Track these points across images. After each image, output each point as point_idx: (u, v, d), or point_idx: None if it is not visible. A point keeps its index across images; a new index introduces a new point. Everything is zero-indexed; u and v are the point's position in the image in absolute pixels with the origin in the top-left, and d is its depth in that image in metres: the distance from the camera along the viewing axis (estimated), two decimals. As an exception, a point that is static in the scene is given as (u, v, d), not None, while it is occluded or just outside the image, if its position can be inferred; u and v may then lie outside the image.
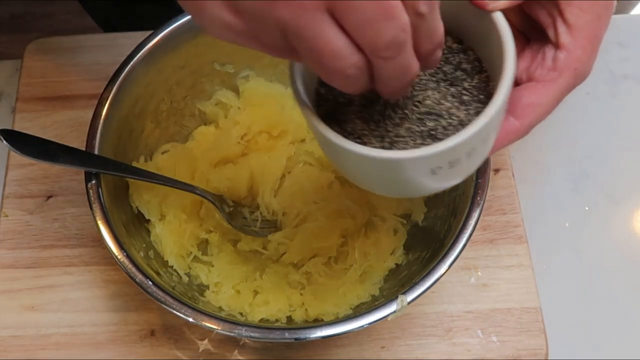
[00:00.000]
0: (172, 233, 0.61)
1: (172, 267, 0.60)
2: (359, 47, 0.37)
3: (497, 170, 0.68)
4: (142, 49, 0.59)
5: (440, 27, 0.39)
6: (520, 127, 0.46)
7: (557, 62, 0.46)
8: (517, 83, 0.47)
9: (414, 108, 0.45)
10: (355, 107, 0.45)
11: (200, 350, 0.61)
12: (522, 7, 0.45)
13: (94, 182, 0.56)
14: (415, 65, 0.39)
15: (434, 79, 0.45)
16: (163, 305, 0.52)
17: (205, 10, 0.38)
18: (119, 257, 0.54)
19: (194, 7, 0.38)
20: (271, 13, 0.36)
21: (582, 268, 0.66)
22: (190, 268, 0.62)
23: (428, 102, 0.44)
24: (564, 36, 0.45)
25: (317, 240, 0.60)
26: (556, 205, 0.68)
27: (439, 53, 0.41)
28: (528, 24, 0.48)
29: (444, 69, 0.45)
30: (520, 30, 0.49)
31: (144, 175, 0.59)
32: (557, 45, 0.45)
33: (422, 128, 0.44)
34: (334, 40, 0.36)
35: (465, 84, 0.45)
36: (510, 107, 0.45)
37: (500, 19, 0.42)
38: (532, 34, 0.48)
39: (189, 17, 0.59)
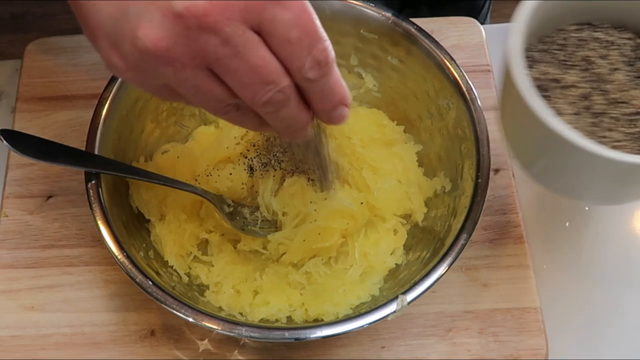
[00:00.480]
0: (172, 233, 0.61)
1: (172, 267, 0.60)
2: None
3: (497, 170, 0.68)
4: (142, 49, 0.59)
5: (339, 88, 0.43)
6: None
7: None
8: None
9: (623, 110, 0.43)
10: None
11: (200, 350, 0.61)
12: None
13: (94, 182, 0.56)
14: (304, 117, 0.42)
15: (634, 80, 0.43)
16: (163, 305, 0.52)
17: (98, 47, 0.42)
18: (119, 257, 0.54)
19: (91, 40, 0.42)
20: (154, 69, 0.39)
21: (582, 268, 0.66)
22: (190, 268, 0.62)
23: (635, 102, 0.42)
24: None
25: (317, 240, 0.60)
26: (556, 205, 0.68)
27: (343, 110, 0.44)
28: None
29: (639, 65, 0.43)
30: None
31: (144, 175, 0.59)
32: None
33: (634, 129, 0.42)
34: (214, 90, 0.40)
35: None
36: None
37: None
38: None
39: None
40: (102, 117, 0.59)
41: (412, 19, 0.64)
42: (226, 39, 0.38)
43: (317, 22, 0.40)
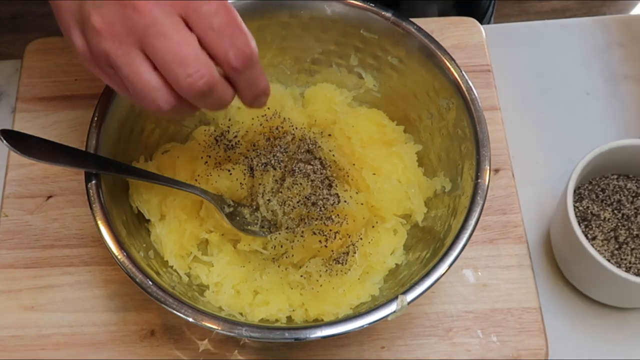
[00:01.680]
0: (172, 233, 0.61)
1: (172, 267, 0.60)
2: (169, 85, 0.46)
3: (497, 170, 0.68)
4: (142, 49, 0.59)
5: (262, 80, 0.49)
6: None
7: None
8: None
9: (638, 242, 0.61)
10: None
11: (200, 350, 0.61)
12: None
13: (94, 182, 0.56)
14: (228, 95, 0.48)
15: None
16: (163, 305, 0.52)
17: (71, 36, 0.48)
18: (119, 257, 0.54)
19: (65, 31, 0.48)
20: (99, 45, 0.45)
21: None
22: (190, 268, 0.62)
23: None
24: None
25: (317, 240, 0.60)
26: (556, 205, 0.68)
27: (264, 98, 0.50)
28: None
29: None
30: None
31: (144, 175, 0.59)
32: None
33: None
34: (145, 73, 0.46)
35: None
36: None
37: None
38: None
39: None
40: (102, 117, 0.59)
41: (412, 19, 0.64)
42: (155, 20, 0.44)
43: (238, 17, 0.46)
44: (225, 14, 0.45)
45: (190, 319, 0.52)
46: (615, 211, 0.63)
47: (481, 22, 0.77)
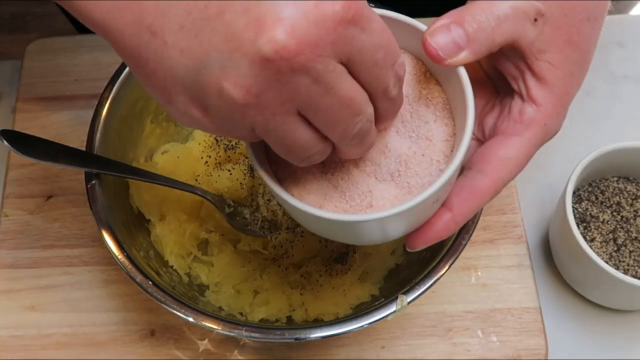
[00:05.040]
0: (172, 233, 0.61)
1: (172, 267, 0.60)
2: (325, 137, 0.38)
3: (497, 170, 0.68)
4: (142, 49, 0.59)
5: (402, 96, 0.40)
6: (490, 183, 0.43)
7: (524, 115, 0.43)
8: (484, 139, 0.46)
9: (637, 245, 0.61)
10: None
11: (200, 350, 0.61)
12: (489, 57, 0.43)
13: (94, 182, 0.56)
14: (374, 137, 0.40)
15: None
16: (163, 305, 0.52)
17: (173, 103, 0.37)
18: (119, 257, 0.54)
19: (162, 97, 0.38)
20: (242, 119, 0.36)
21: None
22: (190, 268, 0.62)
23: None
24: (535, 90, 0.43)
25: (317, 240, 0.60)
26: (555, 205, 0.68)
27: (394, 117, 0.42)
28: (496, 73, 0.46)
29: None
30: (490, 77, 0.47)
31: (144, 175, 0.59)
32: (526, 98, 0.43)
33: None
34: (303, 136, 0.37)
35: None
36: (478, 164, 0.43)
37: (463, 75, 0.41)
38: (499, 84, 0.47)
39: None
40: (102, 117, 0.59)
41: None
42: (318, 77, 0.34)
43: (392, 36, 0.37)
44: (387, 41, 0.36)
45: (190, 319, 0.52)
46: (615, 213, 0.63)
47: None
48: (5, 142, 0.53)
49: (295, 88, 0.34)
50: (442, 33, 0.41)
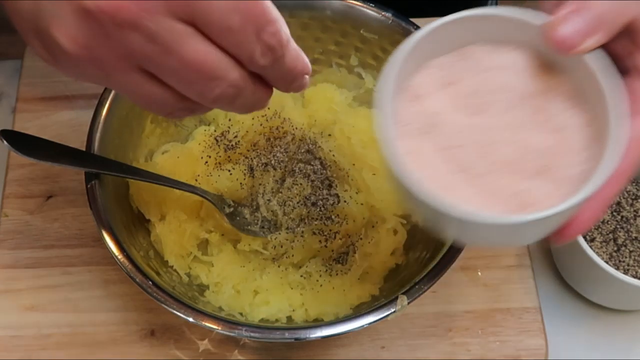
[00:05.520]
0: (172, 233, 0.61)
1: (172, 267, 0.60)
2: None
3: (497, 170, 0.68)
4: (142, 49, 0.59)
5: (298, 62, 0.39)
6: (626, 166, 0.41)
7: None
8: None
9: (636, 245, 0.60)
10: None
11: (200, 350, 0.61)
12: None
13: (94, 182, 0.56)
14: (263, 96, 0.39)
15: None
16: (163, 305, 0.52)
17: (31, 44, 0.38)
18: (119, 257, 0.54)
19: (24, 38, 0.39)
20: (83, 70, 0.37)
21: (582, 268, 0.66)
22: (190, 268, 0.62)
23: None
24: None
25: (317, 240, 0.60)
26: (556, 205, 0.68)
27: (304, 80, 0.40)
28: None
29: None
30: None
31: (144, 175, 0.59)
32: None
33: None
34: (154, 92, 0.37)
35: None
36: None
37: (589, 60, 0.41)
38: None
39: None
40: (102, 117, 0.59)
41: (412, 19, 0.64)
42: (151, 35, 0.34)
43: (264, 2, 0.35)
44: (246, 5, 0.34)
45: (190, 319, 0.52)
46: (615, 213, 0.63)
47: None
48: (5, 142, 0.53)
49: (127, 44, 0.34)
50: (567, 23, 0.40)
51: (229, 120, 0.66)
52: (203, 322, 0.52)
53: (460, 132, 0.42)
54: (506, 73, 0.44)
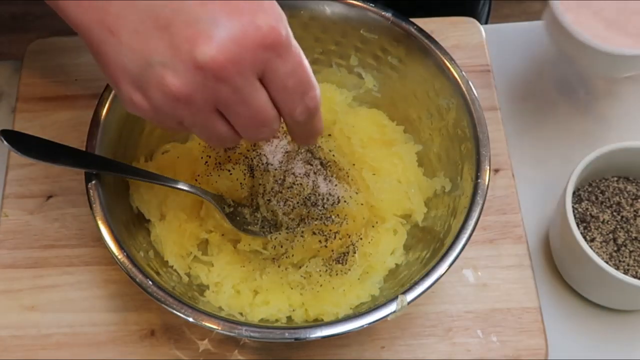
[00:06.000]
0: (172, 233, 0.61)
1: (172, 267, 0.60)
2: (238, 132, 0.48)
3: (497, 170, 0.68)
4: (142, 49, 0.59)
5: (318, 125, 0.50)
6: None
7: None
8: None
9: (637, 245, 0.61)
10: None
11: (200, 350, 0.61)
12: None
13: (94, 182, 0.56)
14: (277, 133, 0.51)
15: None
16: (163, 305, 0.52)
17: (121, 89, 0.46)
18: (119, 257, 0.54)
19: (113, 83, 0.46)
20: (174, 110, 0.45)
21: (582, 268, 0.66)
22: (190, 268, 0.62)
23: None
24: None
25: (317, 240, 0.60)
26: (555, 206, 0.68)
27: (314, 140, 0.53)
28: None
29: None
30: None
31: (144, 175, 0.59)
32: None
33: None
34: (220, 130, 0.47)
35: None
36: None
37: None
38: None
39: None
40: (102, 117, 0.59)
41: (412, 19, 0.64)
42: (236, 88, 0.44)
43: (310, 73, 0.46)
44: (300, 74, 0.45)
45: (190, 319, 0.52)
46: (615, 213, 0.63)
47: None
48: (5, 142, 0.53)
49: (217, 93, 0.44)
50: None
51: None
52: (203, 322, 0.52)
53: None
54: None
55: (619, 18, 0.63)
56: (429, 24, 0.72)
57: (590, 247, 0.60)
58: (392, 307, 0.52)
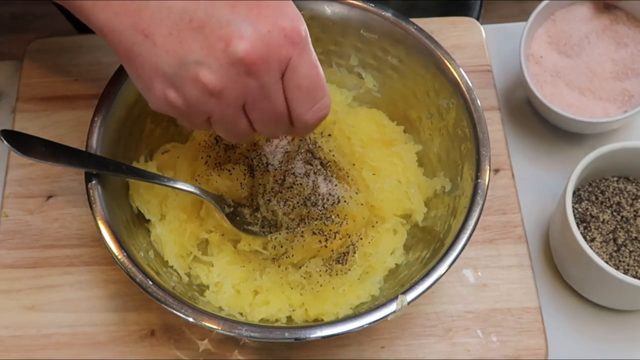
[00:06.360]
0: (172, 233, 0.61)
1: (172, 267, 0.60)
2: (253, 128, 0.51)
3: (497, 170, 0.68)
4: (142, 49, 0.59)
5: (317, 124, 0.52)
6: None
7: None
8: None
9: (637, 245, 0.61)
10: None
11: (200, 350, 0.61)
12: None
13: (94, 182, 0.56)
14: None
15: None
16: (163, 305, 0.52)
17: (152, 89, 0.48)
18: (119, 257, 0.54)
19: (144, 84, 0.48)
20: (205, 105, 0.47)
21: (582, 268, 0.66)
22: (190, 268, 0.62)
23: None
24: None
25: (317, 240, 0.60)
26: (555, 206, 0.68)
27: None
28: None
29: None
30: None
31: (144, 175, 0.59)
32: None
33: None
34: (243, 126, 0.50)
35: None
36: None
37: None
38: None
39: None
40: (102, 117, 0.59)
41: (412, 19, 0.64)
42: (263, 84, 0.47)
43: (323, 78, 0.49)
44: (315, 76, 0.48)
45: (190, 319, 0.52)
46: (615, 213, 0.63)
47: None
48: (5, 142, 0.53)
49: (247, 88, 0.47)
50: None
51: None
52: (203, 322, 0.52)
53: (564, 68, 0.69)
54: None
55: (590, 86, 0.68)
56: (429, 24, 0.72)
57: (590, 247, 0.60)
58: (392, 307, 0.52)
